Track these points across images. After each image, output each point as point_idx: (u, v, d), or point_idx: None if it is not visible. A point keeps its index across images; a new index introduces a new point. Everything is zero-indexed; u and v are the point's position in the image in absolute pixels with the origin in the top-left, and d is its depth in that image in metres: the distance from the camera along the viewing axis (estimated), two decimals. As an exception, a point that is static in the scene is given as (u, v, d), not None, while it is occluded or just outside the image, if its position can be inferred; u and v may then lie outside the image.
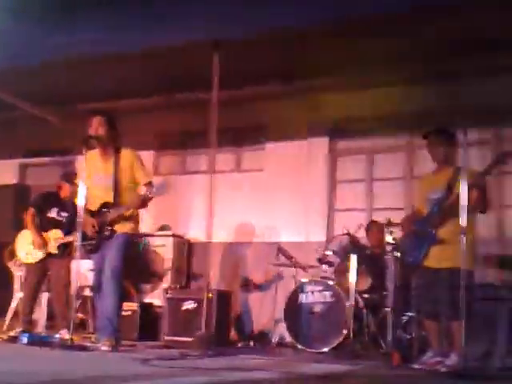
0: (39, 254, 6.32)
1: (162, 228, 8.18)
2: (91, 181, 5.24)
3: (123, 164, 5.27)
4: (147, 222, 7.79)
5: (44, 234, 6.36)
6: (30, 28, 6.39)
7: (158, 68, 7.23)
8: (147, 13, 6.28)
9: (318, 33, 6.25)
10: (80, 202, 5.05)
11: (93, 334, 5.48)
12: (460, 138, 4.44)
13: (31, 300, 6.33)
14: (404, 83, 7.05)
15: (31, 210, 6.47)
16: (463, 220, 4.20)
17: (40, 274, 6.37)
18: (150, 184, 5.18)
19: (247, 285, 7.69)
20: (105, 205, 5.24)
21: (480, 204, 4.52)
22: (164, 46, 6.51)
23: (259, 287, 7.60)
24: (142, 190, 5.19)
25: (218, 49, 6.23)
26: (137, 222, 5.41)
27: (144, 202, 5.20)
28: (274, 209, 7.71)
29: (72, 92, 8.09)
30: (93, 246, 5.22)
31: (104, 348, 4.97)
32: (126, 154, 5.32)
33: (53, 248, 6.29)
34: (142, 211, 5.45)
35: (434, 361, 4.55)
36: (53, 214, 6.43)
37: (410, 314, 5.52)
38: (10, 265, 7.22)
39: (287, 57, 6.87)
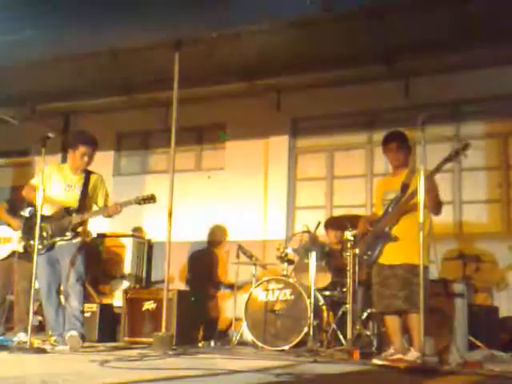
0: (3, 252, 6.26)
1: (136, 230, 8.08)
2: (56, 188, 5.50)
3: (91, 184, 5.62)
4: (117, 224, 7.70)
5: (10, 233, 6.31)
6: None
7: (119, 68, 7.15)
8: (108, 13, 6.23)
9: (279, 30, 6.27)
10: (39, 203, 5.14)
11: (51, 336, 5.41)
12: (418, 134, 4.49)
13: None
14: (362, 81, 7.10)
15: (4, 205, 6.48)
16: (420, 217, 4.25)
17: (4, 272, 6.27)
18: (104, 207, 5.57)
19: (208, 284, 7.66)
20: (68, 209, 5.44)
21: (429, 204, 4.55)
22: (125, 46, 6.47)
23: (220, 286, 7.57)
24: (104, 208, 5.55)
25: (178, 48, 6.19)
26: (85, 225, 5.68)
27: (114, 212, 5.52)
28: (235, 207, 7.70)
29: (30, 92, 7.97)
30: (42, 247, 5.31)
31: (72, 333, 5.15)
32: (95, 177, 5.69)
33: (20, 246, 6.14)
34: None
35: (395, 357, 4.60)
36: (26, 213, 6.28)
37: (369, 310, 5.58)
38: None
39: (247, 56, 6.87)
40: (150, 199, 5.47)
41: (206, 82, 7.43)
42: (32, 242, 5.36)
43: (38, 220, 5.14)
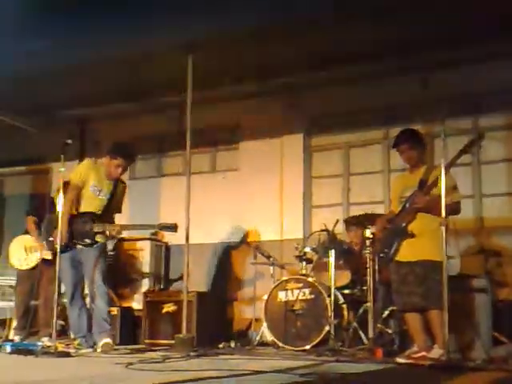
0: (32, 262, 6.32)
1: (153, 234, 8.09)
2: (88, 187, 5.57)
3: (118, 190, 5.74)
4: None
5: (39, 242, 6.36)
6: (2, 37, 6.33)
7: (132, 73, 7.18)
8: (120, 18, 6.27)
9: (289, 31, 6.26)
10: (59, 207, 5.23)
11: (74, 339, 5.46)
12: (438, 128, 4.47)
13: (23, 306, 6.33)
14: (377, 76, 7.06)
15: (29, 219, 6.53)
16: (443, 210, 4.24)
17: (32, 280, 6.34)
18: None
19: (226, 285, 7.66)
20: (92, 215, 5.52)
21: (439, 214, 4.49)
22: (138, 51, 6.50)
23: (238, 287, 7.56)
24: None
25: (191, 51, 6.19)
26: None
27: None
28: (251, 208, 7.68)
29: (47, 100, 8.02)
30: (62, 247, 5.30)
31: (106, 340, 5.26)
32: (122, 186, 5.83)
33: (47, 254, 6.22)
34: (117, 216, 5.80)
35: (418, 355, 4.57)
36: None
37: (390, 308, 5.55)
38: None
39: (260, 55, 6.85)
40: (171, 229, 5.52)
41: (220, 84, 7.42)
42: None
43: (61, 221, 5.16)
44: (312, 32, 6.26)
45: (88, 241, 5.45)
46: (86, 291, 6.51)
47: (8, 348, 5.13)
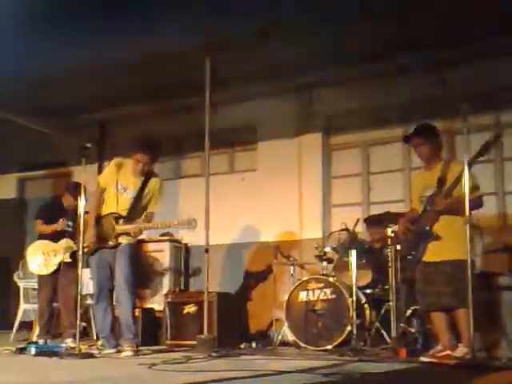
0: (52, 267, 6.35)
1: (164, 235, 8.12)
2: (113, 187, 5.50)
3: (148, 188, 5.58)
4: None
5: (55, 244, 6.42)
6: (23, 42, 6.39)
7: (151, 75, 7.22)
8: (139, 20, 6.30)
9: (306, 30, 6.24)
10: (81, 211, 5.21)
11: (97, 340, 5.48)
12: (458, 125, 4.43)
13: (47, 311, 6.37)
14: (394, 73, 7.02)
15: (38, 222, 6.56)
16: (466, 209, 4.20)
17: (53, 284, 6.40)
18: (151, 214, 5.53)
19: (242, 285, 7.66)
20: (116, 216, 5.46)
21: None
22: (156, 53, 6.52)
23: (258, 287, 7.55)
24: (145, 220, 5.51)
25: (209, 52, 6.19)
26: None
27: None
28: (269, 208, 7.66)
29: (67, 103, 8.09)
30: (89, 249, 5.38)
31: (127, 353, 5.19)
32: (154, 181, 5.62)
33: (66, 257, 6.32)
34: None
35: (443, 354, 4.53)
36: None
37: (413, 307, 5.50)
38: (15, 277, 7.22)
39: (277, 55, 6.85)
40: (190, 225, 5.33)
41: (237, 84, 7.43)
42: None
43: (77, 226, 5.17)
44: (329, 31, 6.26)
45: (111, 243, 5.41)
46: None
47: (33, 350, 5.16)
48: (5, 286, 8.04)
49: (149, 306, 7.21)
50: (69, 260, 6.29)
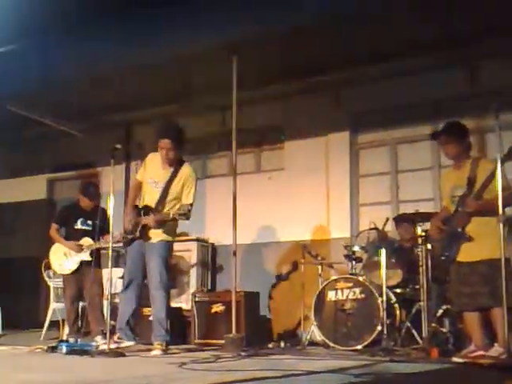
0: (74, 265, 6.42)
1: (181, 234, 8.14)
2: (147, 181, 5.58)
3: (179, 178, 5.53)
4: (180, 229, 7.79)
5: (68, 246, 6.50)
6: (53, 46, 6.46)
7: (177, 76, 7.23)
8: (163, 21, 6.32)
9: (333, 27, 6.20)
10: (110, 210, 5.34)
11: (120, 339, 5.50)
12: (488, 122, 4.35)
13: (73, 310, 6.45)
14: (424, 71, 6.94)
15: (53, 226, 6.66)
16: (500, 207, 4.13)
17: (78, 283, 6.47)
18: (186, 206, 5.36)
19: (270, 284, 7.63)
20: (145, 208, 5.51)
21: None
22: (182, 53, 6.53)
23: (286, 287, 7.51)
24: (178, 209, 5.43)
25: (236, 51, 6.18)
26: (174, 233, 5.68)
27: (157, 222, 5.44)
28: (297, 207, 7.63)
29: (93, 105, 8.17)
30: (127, 241, 5.48)
31: (156, 352, 5.22)
32: (185, 170, 5.56)
33: (86, 255, 6.37)
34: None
35: (476, 354, 4.45)
36: (79, 225, 6.56)
37: (444, 307, 5.43)
38: (45, 277, 7.32)
39: (303, 54, 6.82)
40: (184, 214, 5.30)
41: (264, 83, 7.40)
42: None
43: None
44: (357, 28, 6.22)
45: (137, 234, 5.44)
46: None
47: (64, 349, 5.21)
48: (35, 286, 8.15)
49: (176, 305, 7.22)
50: (89, 258, 6.35)
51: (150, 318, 5.80)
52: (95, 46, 6.65)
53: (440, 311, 5.47)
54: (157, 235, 5.49)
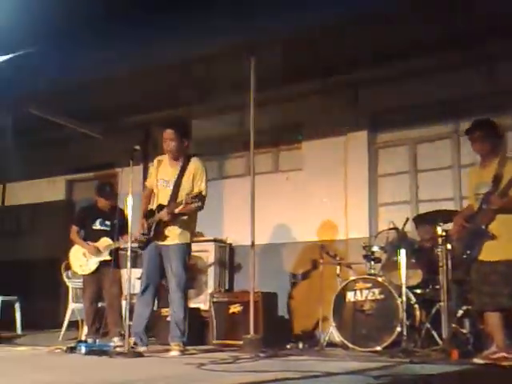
0: (93, 266, 6.45)
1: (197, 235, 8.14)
2: (158, 184, 5.57)
3: (189, 172, 5.53)
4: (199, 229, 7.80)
5: (95, 245, 6.52)
6: (73, 48, 6.50)
7: (194, 75, 7.24)
8: (181, 24, 6.32)
9: (350, 26, 6.16)
10: (129, 211, 5.33)
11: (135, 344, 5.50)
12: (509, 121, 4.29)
13: (92, 310, 6.47)
14: (442, 69, 6.88)
15: (74, 228, 6.70)
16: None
17: (97, 284, 6.51)
18: (198, 195, 5.29)
19: (287, 285, 7.60)
20: (159, 207, 5.50)
21: None
22: (199, 55, 6.53)
23: (304, 287, 7.47)
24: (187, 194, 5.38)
25: (254, 52, 6.16)
26: (192, 233, 5.68)
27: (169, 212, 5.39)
28: (315, 207, 7.60)
29: (112, 107, 8.20)
30: (143, 244, 5.45)
31: (174, 353, 5.24)
32: (194, 164, 5.54)
33: (105, 255, 6.40)
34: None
35: (498, 355, 4.39)
36: (97, 225, 6.59)
37: (465, 307, 5.37)
38: (64, 277, 7.37)
39: (321, 53, 6.80)
40: (196, 197, 5.25)
41: (281, 83, 7.38)
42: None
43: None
44: (375, 27, 6.18)
45: (151, 233, 5.44)
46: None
47: (83, 349, 5.22)
48: (55, 287, 8.20)
49: (194, 305, 7.22)
50: (108, 258, 6.37)
51: (168, 319, 5.82)
52: (114, 47, 6.67)
53: (460, 312, 5.40)
54: (174, 237, 5.48)
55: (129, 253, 5.14)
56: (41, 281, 8.88)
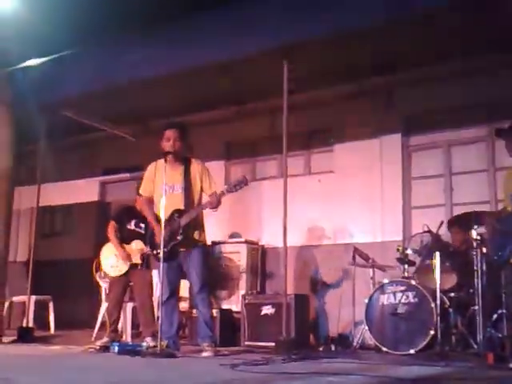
0: (124, 267, 6.48)
1: (232, 236, 8.19)
2: (160, 190, 5.42)
3: (193, 173, 5.57)
4: (220, 229, 7.84)
5: (127, 246, 6.55)
6: (107, 52, 6.58)
7: (228, 79, 7.26)
8: (214, 27, 6.37)
9: (385, 30, 6.13)
10: (161, 213, 5.29)
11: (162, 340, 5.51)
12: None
13: (116, 311, 6.48)
14: (477, 72, 6.80)
15: (112, 224, 6.69)
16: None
17: (123, 285, 6.54)
18: (213, 194, 5.42)
19: (319, 287, 7.58)
20: (176, 212, 5.46)
21: None
22: (233, 57, 6.55)
23: (337, 290, 7.44)
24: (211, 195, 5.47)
25: (287, 56, 6.17)
26: (204, 232, 5.67)
27: (215, 203, 5.38)
28: (347, 210, 7.58)
29: (144, 109, 8.27)
30: (164, 254, 5.23)
31: (206, 354, 5.27)
32: (195, 164, 5.61)
33: (136, 259, 6.45)
34: (211, 220, 5.80)
35: (536, 360, 4.32)
36: (132, 226, 6.63)
37: (500, 311, 5.28)
38: (97, 277, 7.42)
39: (355, 57, 6.77)
40: (242, 182, 5.31)
41: (314, 86, 7.37)
42: (154, 250, 5.58)
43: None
44: (409, 29, 6.13)
45: (179, 237, 5.39)
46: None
47: (116, 348, 5.28)
48: (87, 286, 8.30)
49: (226, 306, 7.26)
50: (139, 261, 6.41)
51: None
52: (149, 49, 6.75)
53: (495, 315, 5.32)
54: (194, 241, 5.50)
55: (161, 255, 5.15)
56: (74, 280, 9.00)
